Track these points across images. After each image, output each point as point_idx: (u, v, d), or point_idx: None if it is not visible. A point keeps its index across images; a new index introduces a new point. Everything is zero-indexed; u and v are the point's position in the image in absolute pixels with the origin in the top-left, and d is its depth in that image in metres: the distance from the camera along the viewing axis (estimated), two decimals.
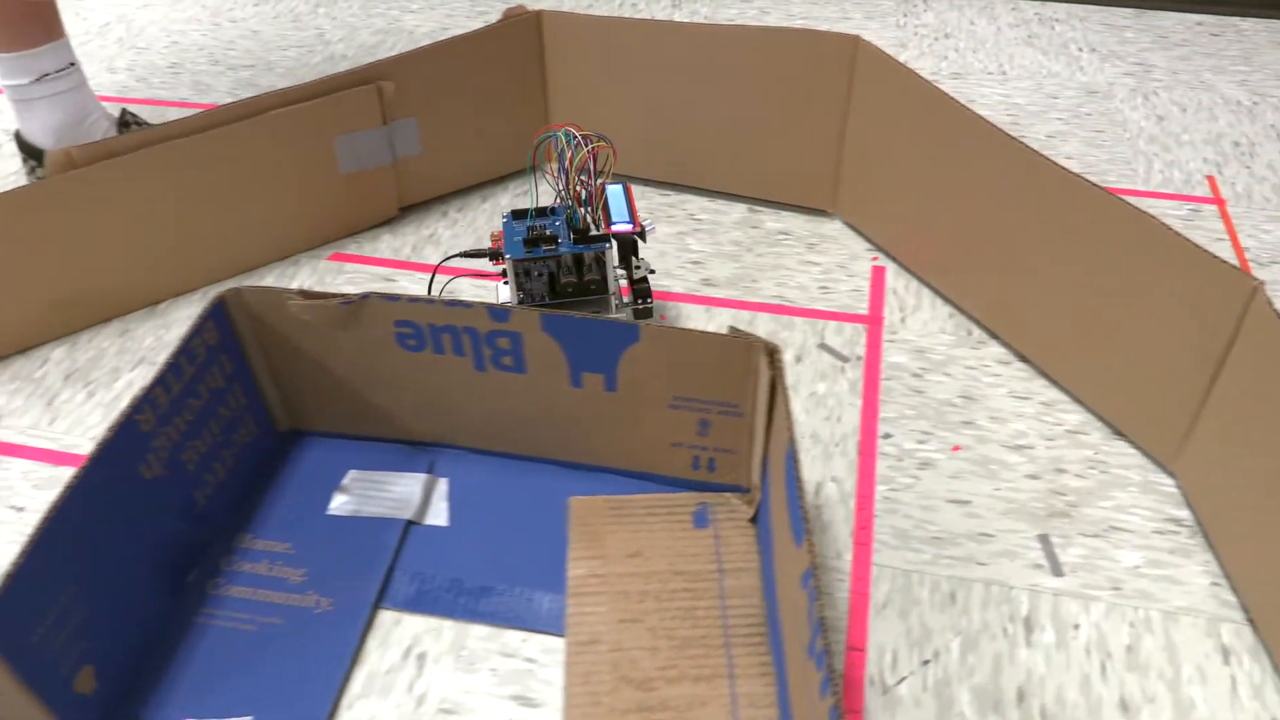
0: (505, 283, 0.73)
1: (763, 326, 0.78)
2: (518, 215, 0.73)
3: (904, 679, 0.55)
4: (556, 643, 0.57)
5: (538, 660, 0.57)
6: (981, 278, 0.76)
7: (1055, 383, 0.73)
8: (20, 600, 0.47)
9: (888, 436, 0.69)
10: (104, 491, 0.53)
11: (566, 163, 0.70)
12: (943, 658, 0.56)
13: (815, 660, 0.44)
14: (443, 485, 0.66)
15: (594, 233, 0.71)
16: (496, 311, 0.59)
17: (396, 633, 0.58)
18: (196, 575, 0.60)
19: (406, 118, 0.85)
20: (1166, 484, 0.66)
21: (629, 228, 0.71)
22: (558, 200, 0.73)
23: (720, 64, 0.84)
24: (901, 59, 1.14)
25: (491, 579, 0.61)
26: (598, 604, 0.59)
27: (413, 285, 0.83)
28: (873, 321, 0.79)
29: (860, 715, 0.54)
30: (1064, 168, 0.66)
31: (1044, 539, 0.62)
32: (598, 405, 0.62)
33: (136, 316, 0.80)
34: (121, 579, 0.55)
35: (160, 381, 0.56)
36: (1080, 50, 1.18)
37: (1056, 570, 0.61)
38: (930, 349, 0.76)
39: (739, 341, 0.56)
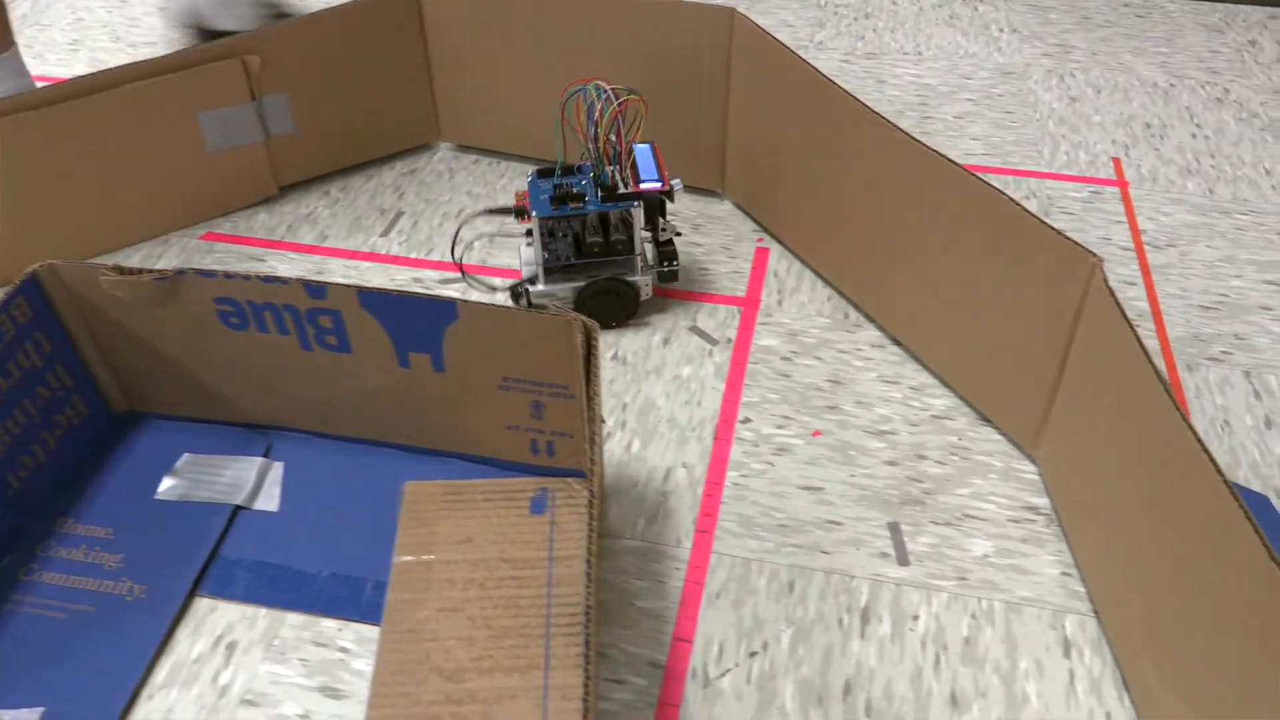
0: (529, 243, 0.71)
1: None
2: (543, 174, 0.72)
3: (727, 671, 0.53)
4: (373, 632, 0.55)
5: (351, 650, 0.54)
6: (858, 260, 0.73)
7: (926, 367, 0.70)
8: None
9: (746, 421, 0.67)
10: None
11: (596, 116, 0.67)
12: (771, 649, 0.54)
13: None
14: (277, 470, 0.63)
15: (622, 190, 0.69)
16: (313, 288, 0.56)
17: (210, 621, 0.56)
18: (9, 561, 0.58)
19: (277, 93, 0.82)
20: (1028, 471, 0.64)
21: (657, 185, 0.69)
22: (584, 157, 0.71)
23: (605, 37, 0.82)
24: (817, 39, 1.12)
25: (314, 566, 0.58)
26: (420, 592, 0.56)
27: (283, 265, 0.80)
28: (749, 304, 0.76)
29: (677, 709, 0.52)
30: (921, 142, 0.63)
31: (894, 527, 0.60)
32: (429, 386, 0.60)
33: None
34: None
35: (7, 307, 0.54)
36: (1001, 31, 1.15)
37: (902, 559, 0.58)
38: (804, 332, 0.74)
39: (557, 319, 0.54)
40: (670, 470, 0.64)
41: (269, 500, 0.62)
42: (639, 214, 0.70)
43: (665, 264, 0.73)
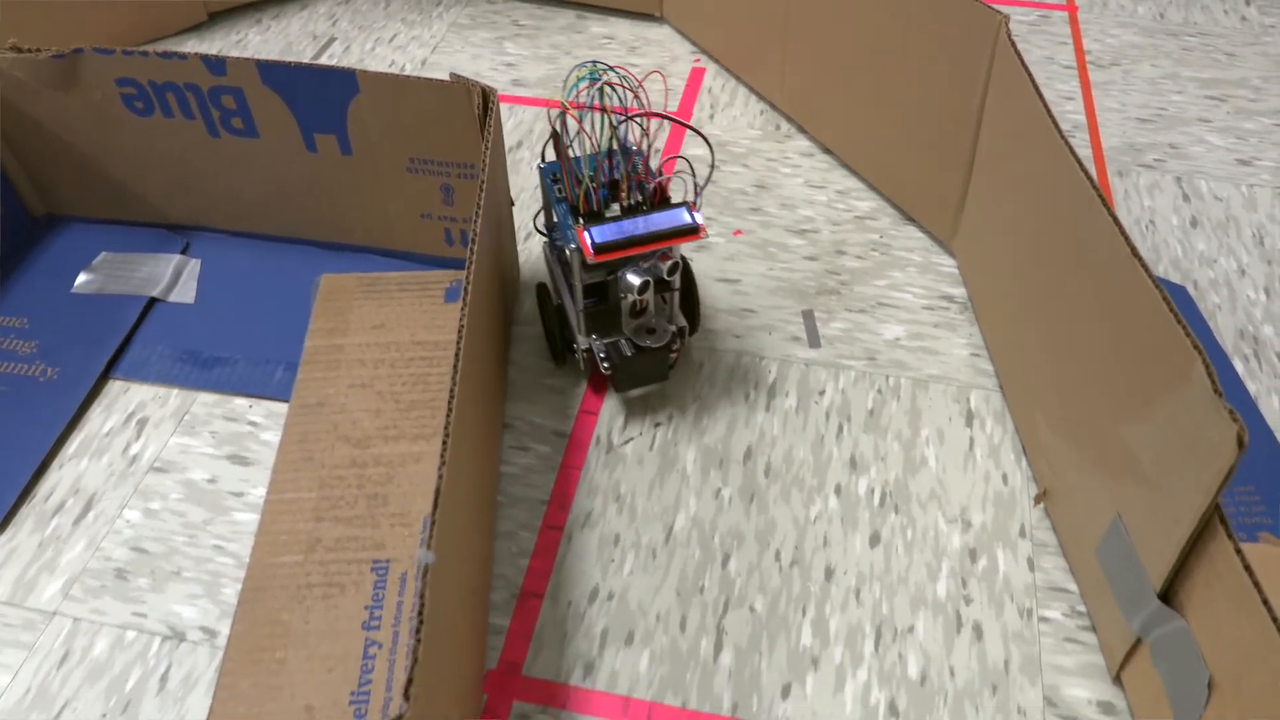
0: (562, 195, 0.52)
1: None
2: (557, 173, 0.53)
3: (631, 440, 0.54)
4: (282, 409, 0.55)
5: (260, 424, 0.55)
6: (790, 70, 0.72)
7: (854, 172, 0.70)
8: None
9: None
10: None
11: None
12: (675, 420, 0.55)
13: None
14: (194, 265, 0.63)
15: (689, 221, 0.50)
16: (212, 63, 0.55)
17: (122, 400, 0.56)
18: None
19: None
20: (946, 265, 0.63)
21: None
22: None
23: None
24: None
25: (228, 351, 0.58)
26: (329, 371, 0.57)
27: None
28: (680, 116, 0.75)
29: (579, 471, 0.53)
30: None
31: (808, 314, 0.60)
32: (338, 173, 0.59)
33: None
34: None
35: None
36: None
37: (814, 342, 0.59)
38: (733, 142, 0.73)
39: (458, 86, 0.53)
40: None
41: (185, 293, 0.62)
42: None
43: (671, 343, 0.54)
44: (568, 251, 0.51)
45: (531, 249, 0.65)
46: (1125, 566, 0.41)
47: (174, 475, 0.52)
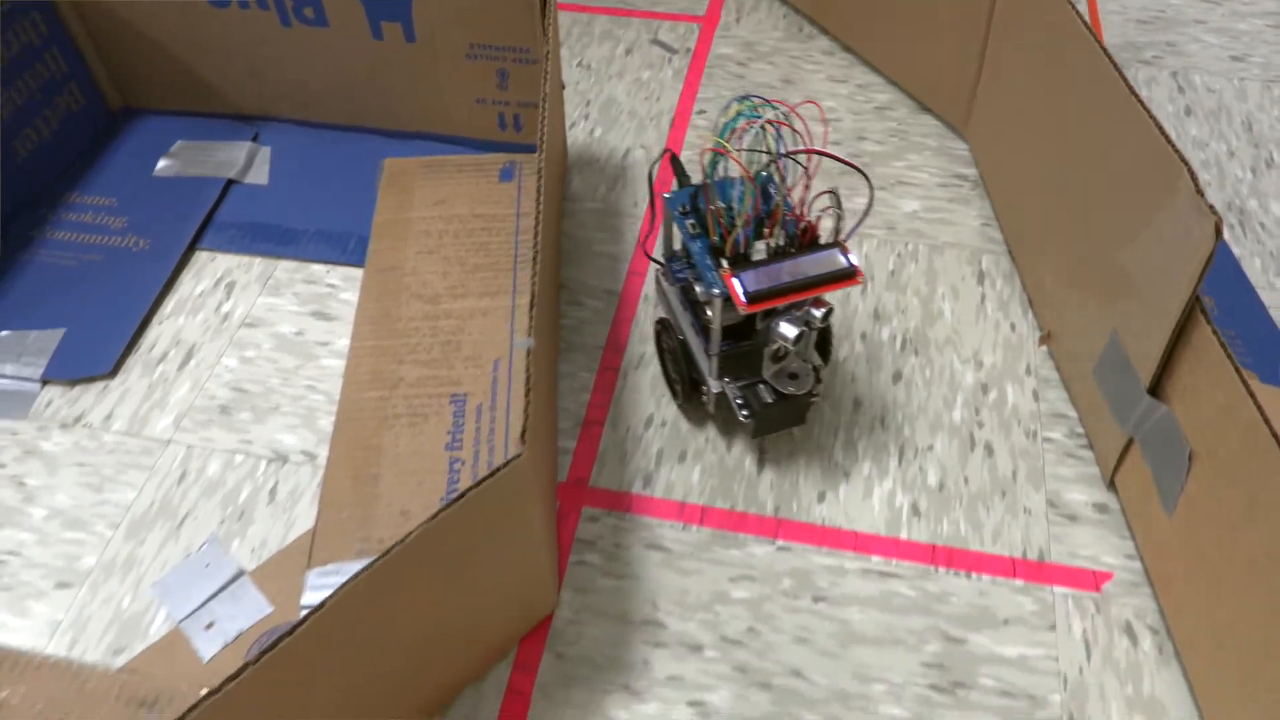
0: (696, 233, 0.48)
1: (599, 25, 0.79)
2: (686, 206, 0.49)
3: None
4: (357, 273, 0.61)
5: (338, 286, 0.60)
6: None
7: (874, 68, 0.75)
8: None
9: (702, 112, 0.71)
10: None
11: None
12: None
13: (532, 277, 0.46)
14: (265, 151, 0.68)
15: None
16: None
17: (210, 267, 0.62)
18: (22, 222, 0.64)
19: None
20: (960, 149, 0.69)
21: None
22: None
23: None
24: None
25: (303, 225, 0.64)
26: (398, 240, 0.62)
27: None
28: (708, 21, 0.80)
29: (630, 322, 0.58)
30: None
31: (833, 192, 0.66)
32: (401, 60, 0.64)
33: None
34: None
35: None
36: None
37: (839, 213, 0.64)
38: (759, 42, 0.78)
39: None
40: (629, 150, 0.69)
41: (259, 175, 0.67)
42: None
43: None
44: (705, 292, 0.46)
45: (576, 135, 0.70)
46: (1119, 374, 0.47)
47: (263, 329, 0.58)
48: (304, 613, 0.46)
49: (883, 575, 0.47)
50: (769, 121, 0.45)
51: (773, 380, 0.50)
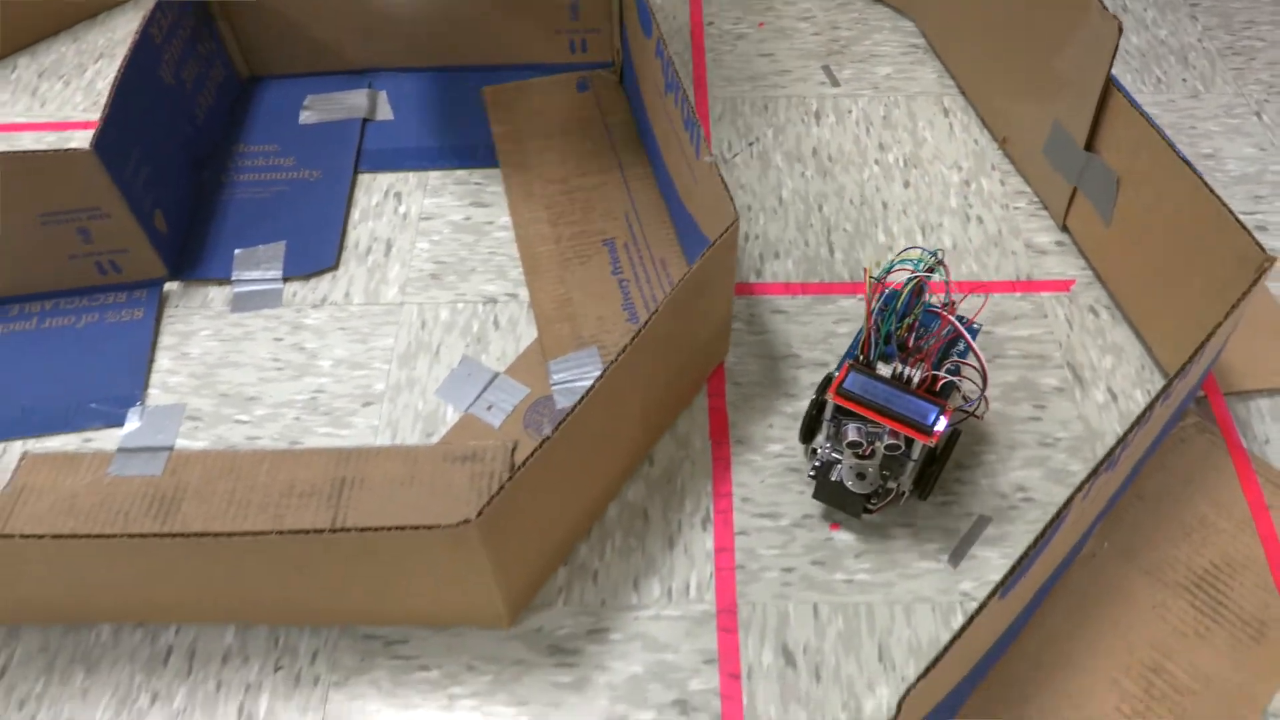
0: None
1: None
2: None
3: (737, 154, 0.80)
4: (495, 171, 0.79)
5: (483, 183, 0.78)
6: None
7: None
8: (109, 144, 0.65)
9: (710, 23, 0.91)
10: (138, 85, 0.70)
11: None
12: (763, 140, 0.81)
13: (689, 133, 0.66)
14: (383, 94, 0.85)
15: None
16: None
17: (375, 184, 0.79)
18: (210, 170, 0.79)
19: None
20: (908, 26, 0.91)
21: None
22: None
23: None
24: None
25: (436, 143, 0.81)
26: (518, 144, 0.80)
27: None
28: None
29: None
30: None
31: (826, 68, 0.87)
32: (491, 5, 0.82)
33: (80, 27, 0.94)
34: (165, 153, 0.73)
35: (159, 7, 0.72)
36: None
37: (835, 83, 0.86)
38: None
39: None
40: None
41: (385, 113, 0.83)
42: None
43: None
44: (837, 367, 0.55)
45: None
46: (1062, 147, 0.70)
47: (438, 220, 0.75)
48: (554, 388, 0.66)
49: None
50: (921, 281, 0.53)
51: (845, 464, 0.56)
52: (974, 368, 0.55)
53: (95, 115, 0.84)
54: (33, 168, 0.62)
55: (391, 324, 0.69)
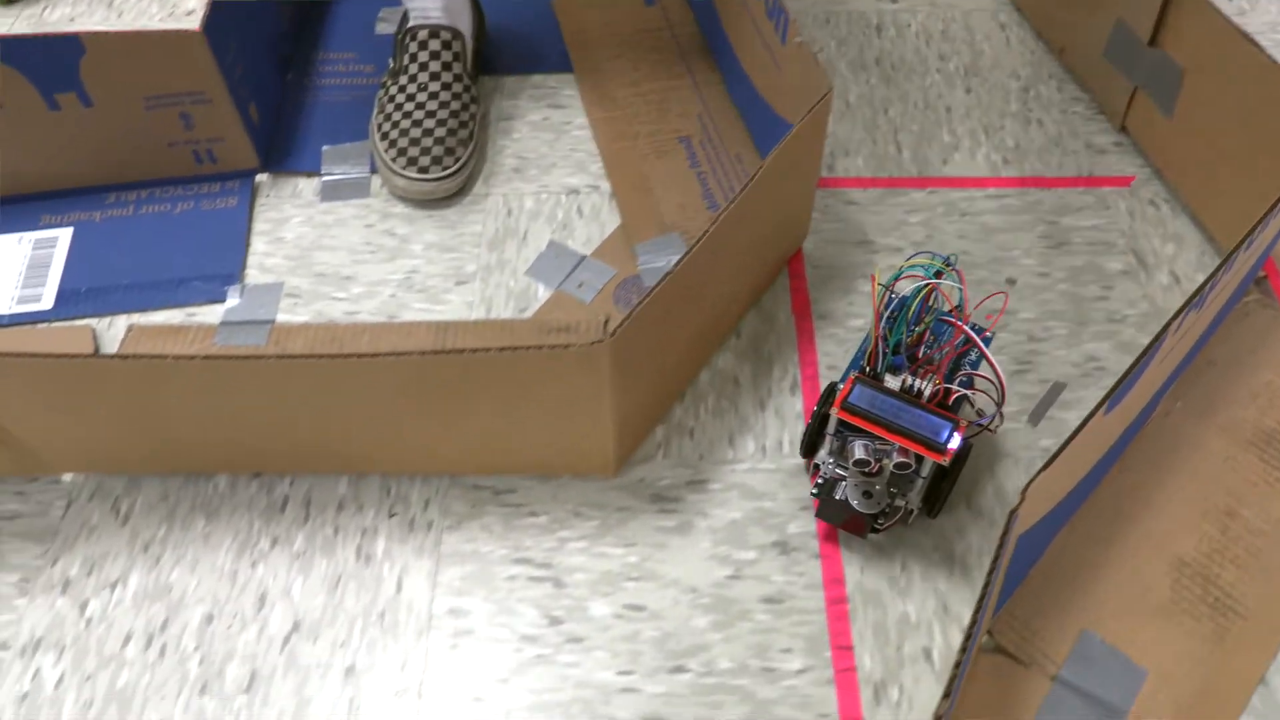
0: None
1: None
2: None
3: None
4: (567, 77, 0.81)
5: (556, 87, 0.80)
6: None
7: None
8: (215, 28, 0.67)
9: None
10: None
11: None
12: (826, 51, 0.83)
13: (774, 21, 0.68)
14: None
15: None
16: None
17: None
18: (293, 74, 0.81)
19: None
20: None
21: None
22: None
23: None
24: None
25: (509, 55, 0.83)
26: (588, 51, 0.83)
27: None
28: None
29: None
30: None
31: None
32: None
33: None
34: (257, 49, 0.75)
35: None
36: None
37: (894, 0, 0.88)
38: None
39: None
40: None
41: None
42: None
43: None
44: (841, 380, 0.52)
45: None
46: (1126, 46, 0.72)
47: (517, 120, 0.78)
48: (641, 269, 0.68)
49: (998, 198, 0.72)
50: (932, 286, 0.50)
51: (850, 482, 0.53)
52: (988, 379, 0.50)
53: (171, 24, 0.87)
54: (142, 47, 0.64)
55: (480, 211, 0.72)
